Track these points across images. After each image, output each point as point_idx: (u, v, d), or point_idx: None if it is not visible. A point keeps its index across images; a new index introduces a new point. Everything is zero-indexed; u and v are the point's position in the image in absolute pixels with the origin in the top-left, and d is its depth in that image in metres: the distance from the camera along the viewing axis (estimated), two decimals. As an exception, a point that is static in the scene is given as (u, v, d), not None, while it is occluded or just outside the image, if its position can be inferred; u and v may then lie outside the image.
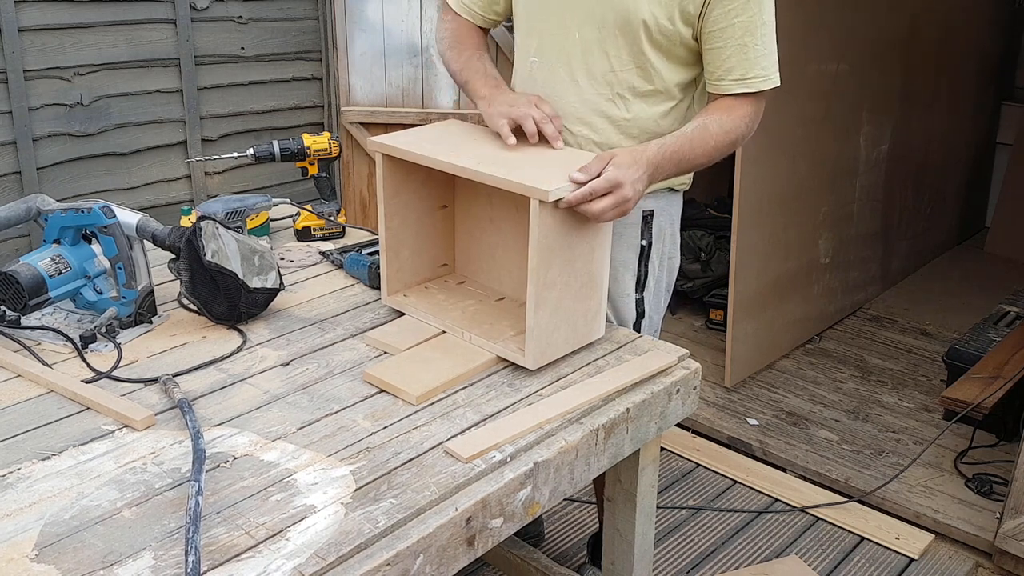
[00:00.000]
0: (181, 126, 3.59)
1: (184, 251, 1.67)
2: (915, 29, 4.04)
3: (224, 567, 1.09)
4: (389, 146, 1.68)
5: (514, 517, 1.33)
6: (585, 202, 1.50)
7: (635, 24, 1.69)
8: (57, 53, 3.19)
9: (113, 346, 1.63)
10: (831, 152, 3.70)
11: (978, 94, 4.90)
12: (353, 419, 1.43)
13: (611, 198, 1.52)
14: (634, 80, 1.76)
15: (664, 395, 1.59)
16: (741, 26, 1.66)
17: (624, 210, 1.55)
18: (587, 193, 1.50)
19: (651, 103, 1.78)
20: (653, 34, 1.70)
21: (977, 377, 3.05)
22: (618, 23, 1.71)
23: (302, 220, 2.20)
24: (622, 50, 1.74)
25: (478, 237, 1.87)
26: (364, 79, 3.88)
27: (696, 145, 1.68)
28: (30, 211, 1.73)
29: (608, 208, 1.52)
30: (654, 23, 1.68)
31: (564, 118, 1.80)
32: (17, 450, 1.33)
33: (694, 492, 2.87)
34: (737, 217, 3.20)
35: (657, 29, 1.69)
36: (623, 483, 1.72)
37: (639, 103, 1.77)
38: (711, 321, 3.90)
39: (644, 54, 1.72)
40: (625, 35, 1.72)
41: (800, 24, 3.21)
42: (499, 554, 2.15)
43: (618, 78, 1.76)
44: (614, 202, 1.52)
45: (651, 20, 1.68)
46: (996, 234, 4.97)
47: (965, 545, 2.63)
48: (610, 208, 1.52)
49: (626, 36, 1.72)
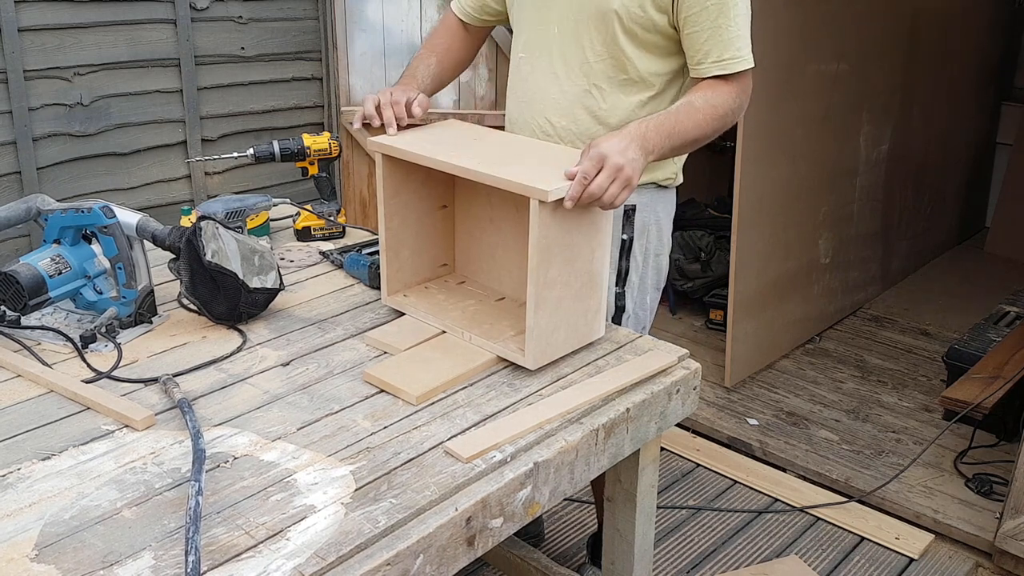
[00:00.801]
0: (181, 126, 3.59)
1: (184, 251, 1.67)
2: (915, 29, 4.04)
3: (224, 567, 1.09)
4: (389, 146, 1.68)
5: (514, 517, 1.33)
6: (583, 190, 1.48)
7: (607, 14, 1.74)
8: (57, 53, 3.19)
9: (113, 346, 1.63)
10: (831, 152, 3.70)
11: (978, 94, 4.90)
12: (353, 419, 1.43)
13: (604, 173, 1.49)
14: (609, 70, 1.80)
15: (664, 395, 1.59)
16: (714, 9, 1.69)
17: (626, 180, 1.51)
18: (580, 179, 1.48)
19: (628, 92, 1.81)
20: (626, 23, 1.74)
21: (977, 377, 3.05)
22: (592, 14, 1.76)
23: (302, 220, 2.20)
24: (596, 41, 1.78)
25: (478, 237, 1.87)
26: (364, 79, 3.88)
27: (683, 117, 1.67)
28: (30, 211, 1.73)
29: (606, 183, 1.49)
30: (625, 12, 1.73)
31: (548, 111, 1.86)
32: (17, 450, 1.33)
33: (694, 492, 2.87)
34: (737, 217, 3.20)
35: (629, 18, 1.73)
36: (623, 483, 1.72)
37: (616, 93, 1.81)
38: (711, 321, 3.90)
39: (618, 44, 1.76)
40: (598, 26, 1.76)
41: (800, 24, 3.21)
42: (499, 554, 2.15)
43: (593, 69, 1.80)
44: (609, 175, 1.49)
45: (622, 9, 1.72)
46: (996, 234, 4.98)
47: (965, 545, 2.63)
48: (607, 182, 1.49)
49: (599, 27, 1.76)
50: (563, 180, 1.49)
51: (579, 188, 1.48)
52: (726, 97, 1.73)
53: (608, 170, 1.49)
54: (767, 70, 3.11)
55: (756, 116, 3.10)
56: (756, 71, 1.79)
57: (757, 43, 1.79)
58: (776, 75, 3.13)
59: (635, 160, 1.54)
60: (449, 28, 2.05)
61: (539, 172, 1.53)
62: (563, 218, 1.52)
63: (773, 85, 3.14)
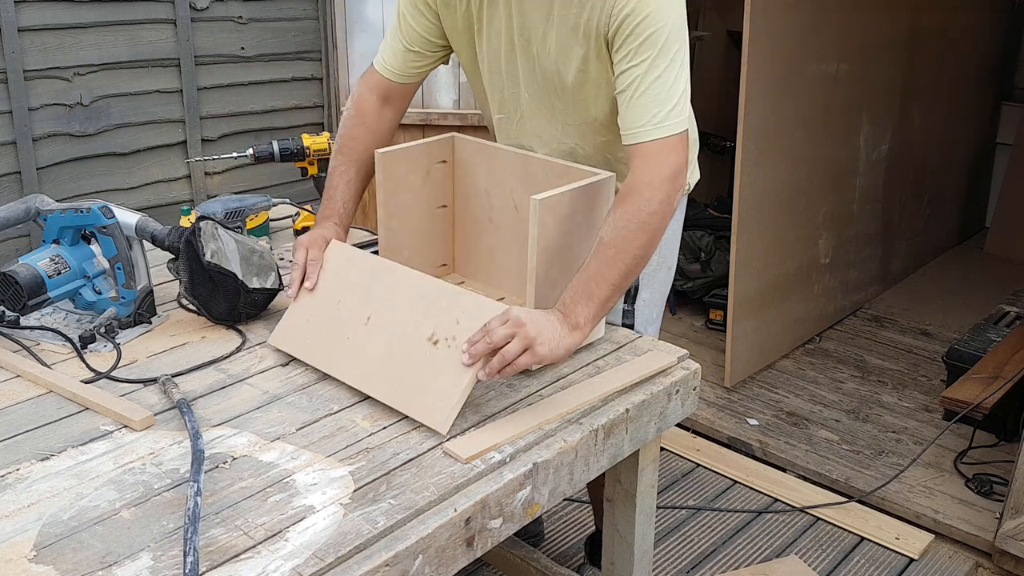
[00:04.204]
0: (181, 126, 3.59)
1: (183, 251, 1.67)
2: (915, 29, 4.04)
3: (223, 568, 1.09)
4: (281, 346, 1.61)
5: (514, 518, 1.33)
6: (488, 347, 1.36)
7: (566, 87, 1.68)
8: (57, 53, 3.19)
9: (112, 346, 1.63)
10: (831, 152, 3.70)
11: (978, 94, 4.89)
12: (352, 419, 1.43)
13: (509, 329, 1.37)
14: (583, 121, 1.74)
15: (664, 395, 1.59)
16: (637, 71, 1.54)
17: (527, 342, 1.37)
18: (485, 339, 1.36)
19: (613, 132, 1.68)
20: (583, 86, 1.67)
21: (977, 377, 3.05)
22: (554, 84, 1.69)
23: (302, 220, 2.20)
24: (568, 104, 1.72)
25: (478, 237, 1.87)
26: (364, 79, 3.88)
27: (603, 266, 1.48)
28: (29, 211, 1.73)
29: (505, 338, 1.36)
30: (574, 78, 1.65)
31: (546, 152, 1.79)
32: (16, 450, 1.32)
33: (694, 492, 2.87)
34: (737, 217, 3.20)
35: (586, 82, 1.66)
36: (623, 483, 1.72)
37: (600, 133, 1.75)
38: (711, 321, 3.90)
39: (583, 100, 1.70)
40: (561, 95, 1.70)
41: (800, 24, 3.21)
42: (499, 554, 2.15)
43: (571, 120, 1.75)
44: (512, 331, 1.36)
45: (571, 78, 1.65)
46: (996, 234, 4.97)
47: (965, 545, 2.63)
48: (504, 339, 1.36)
49: (563, 95, 1.70)
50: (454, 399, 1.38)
51: (483, 346, 1.36)
52: (637, 206, 1.50)
53: (513, 327, 1.37)
54: (767, 70, 3.12)
55: (756, 116, 3.10)
56: (757, 71, 1.75)
57: (758, 43, 1.76)
58: (776, 75, 3.13)
59: (551, 336, 1.41)
60: (363, 115, 1.82)
61: (432, 392, 1.41)
62: (563, 218, 1.52)
63: (773, 85, 3.14)
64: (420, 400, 1.41)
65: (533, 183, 1.68)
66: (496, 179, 1.79)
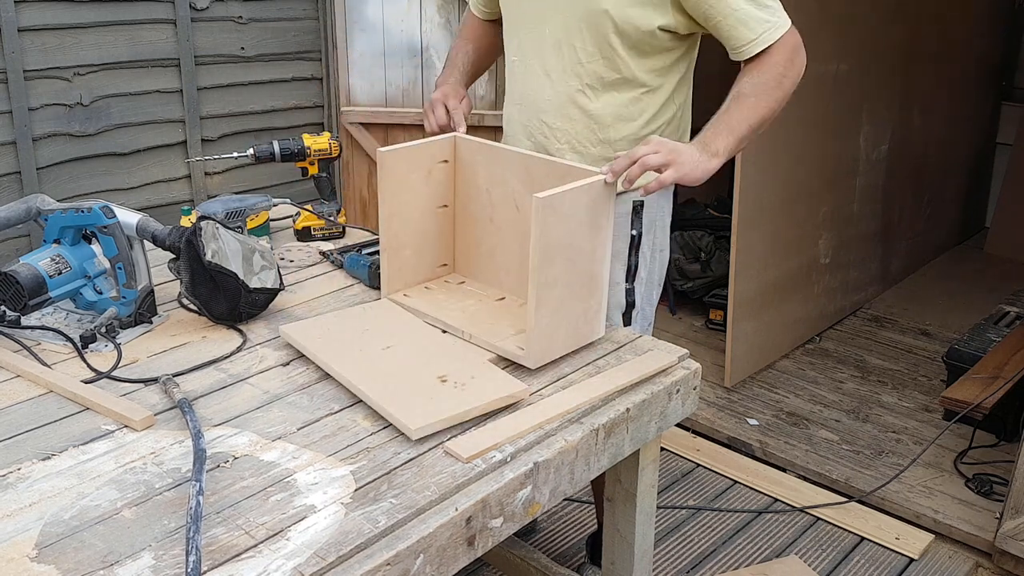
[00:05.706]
0: (181, 126, 3.59)
1: (184, 251, 1.67)
2: (915, 29, 4.04)
3: (224, 567, 1.09)
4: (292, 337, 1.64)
5: (514, 517, 1.33)
6: (629, 162, 1.56)
7: (598, 15, 1.73)
8: (57, 53, 3.19)
9: (113, 346, 1.63)
10: (831, 152, 3.70)
11: (978, 94, 4.90)
12: (353, 419, 1.43)
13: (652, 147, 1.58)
14: (601, 70, 1.79)
15: (664, 395, 1.59)
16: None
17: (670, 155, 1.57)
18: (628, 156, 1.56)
19: (620, 90, 1.81)
20: (619, 24, 1.73)
21: (977, 377, 3.05)
22: (582, 16, 1.76)
23: (302, 220, 2.20)
24: (588, 42, 1.78)
25: (478, 237, 1.87)
26: (364, 79, 3.88)
27: (735, 111, 1.68)
28: (30, 211, 1.73)
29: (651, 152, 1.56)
30: (618, 13, 1.72)
31: (543, 113, 1.87)
32: (17, 450, 1.33)
33: (694, 492, 2.87)
34: (737, 217, 3.20)
35: (622, 18, 1.72)
36: (623, 483, 1.72)
37: (608, 93, 1.81)
38: (711, 321, 3.90)
39: (610, 45, 1.76)
40: (590, 27, 1.76)
41: (800, 24, 3.20)
42: (499, 554, 2.15)
43: (585, 69, 1.80)
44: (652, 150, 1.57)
45: (613, 9, 1.72)
46: (996, 234, 4.98)
47: (965, 545, 2.63)
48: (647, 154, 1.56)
49: (591, 28, 1.76)
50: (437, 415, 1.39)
51: (625, 161, 1.55)
52: (773, 70, 1.71)
53: (656, 146, 1.58)
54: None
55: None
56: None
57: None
58: (776, 75, 3.12)
59: (695, 159, 1.59)
60: (469, 22, 2.14)
61: (412, 397, 1.44)
62: (564, 218, 1.52)
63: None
64: (405, 403, 1.42)
65: (534, 183, 1.68)
66: (497, 179, 1.80)
